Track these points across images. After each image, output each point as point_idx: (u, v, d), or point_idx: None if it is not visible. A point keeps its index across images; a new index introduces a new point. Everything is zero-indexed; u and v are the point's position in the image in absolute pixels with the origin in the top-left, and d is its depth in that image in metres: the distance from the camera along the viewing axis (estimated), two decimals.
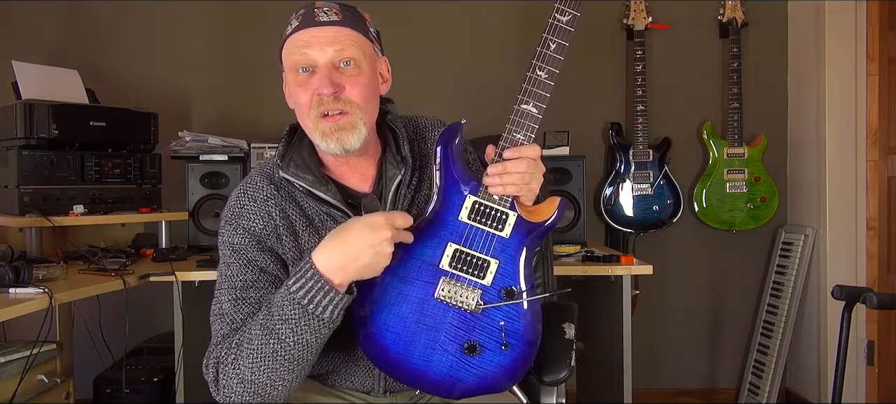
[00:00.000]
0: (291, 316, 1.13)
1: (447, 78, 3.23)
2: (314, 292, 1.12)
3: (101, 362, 2.71)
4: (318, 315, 1.13)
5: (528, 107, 1.25)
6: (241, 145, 2.78)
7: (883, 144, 2.91)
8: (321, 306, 1.13)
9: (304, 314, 1.12)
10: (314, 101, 1.23)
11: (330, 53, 1.22)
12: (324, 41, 1.22)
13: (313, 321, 1.13)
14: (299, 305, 1.12)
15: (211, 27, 3.22)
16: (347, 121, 1.23)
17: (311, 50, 1.22)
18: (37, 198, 2.39)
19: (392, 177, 1.33)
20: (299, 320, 1.13)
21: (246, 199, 1.30)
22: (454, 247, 1.24)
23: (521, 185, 1.24)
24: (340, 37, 1.23)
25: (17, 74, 2.57)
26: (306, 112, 1.24)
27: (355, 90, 1.24)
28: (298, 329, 1.13)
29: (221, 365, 1.18)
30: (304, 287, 1.12)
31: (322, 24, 1.23)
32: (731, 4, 3.14)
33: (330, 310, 1.13)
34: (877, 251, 2.91)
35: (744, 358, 3.29)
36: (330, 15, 1.24)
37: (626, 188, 3.12)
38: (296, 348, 1.14)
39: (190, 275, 2.31)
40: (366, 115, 1.26)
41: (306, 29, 1.23)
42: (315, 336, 1.15)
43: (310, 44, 1.22)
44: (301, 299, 1.12)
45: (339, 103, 1.22)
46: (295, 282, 1.14)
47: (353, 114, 1.23)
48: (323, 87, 1.21)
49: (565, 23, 1.25)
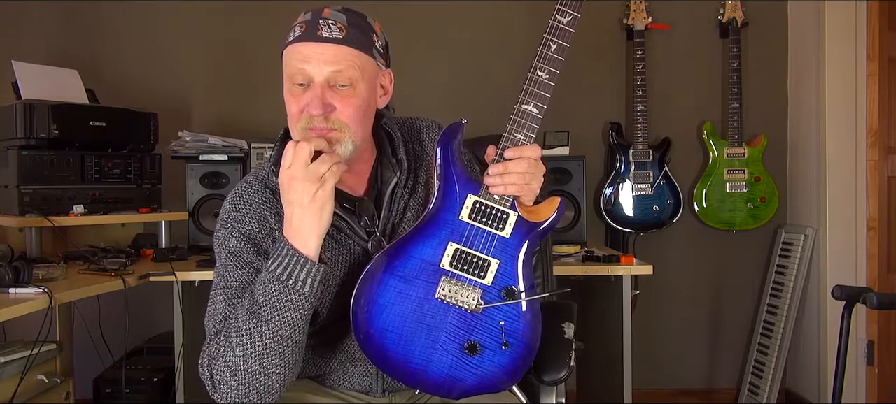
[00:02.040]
0: (274, 294, 1.16)
1: (448, 78, 3.23)
2: (292, 267, 1.16)
3: (101, 362, 2.71)
4: (299, 290, 1.16)
5: (528, 108, 1.25)
6: (241, 145, 2.78)
7: (883, 144, 2.91)
8: (300, 280, 1.16)
9: (285, 290, 1.16)
10: (304, 116, 1.23)
11: (327, 72, 1.21)
12: (322, 59, 1.21)
13: (295, 296, 1.16)
14: (279, 282, 1.16)
15: (211, 27, 3.22)
16: (334, 137, 1.23)
17: (308, 65, 1.21)
18: (37, 198, 2.39)
19: (387, 180, 1.34)
20: (281, 296, 1.16)
21: (242, 203, 1.31)
22: (455, 247, 1.24)
23: (522, 185, 1.24)
24: (340, 56, 1.22)
25: (17, 74, 2.56)
26: (294, 122, 1.25)
27: (347, 111, 1.23)
28: (281, 306, 1.16)
29: (214, 361, 1.19)
30: (282, 263, 1.16)
31: (324, 41, 1.21)
32: (731, 4, 3.14)
33: (309, 283, 1.17)
34: (877, 251, 2.91)
35: (744, 358, 3.30)
36: (333, 31, 1.22)
37: (626, 188, 3.12)
38: (282, 327, 1.17)
39: (190, 275, 2.31)
40: (355, 134, 1.25)
41: (307, 42, 1.22)
42: (299, 312, 1.17)
43: (308, 59, 1.21)
44: (280, 275, 1.16)
45: (327, 122, 1.22)
46: (273, 261, 1.17)
47: (341, 132, 1.23)
48: (313, 107, 1.21)
49: (566, 23, 1.26)
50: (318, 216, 1.16)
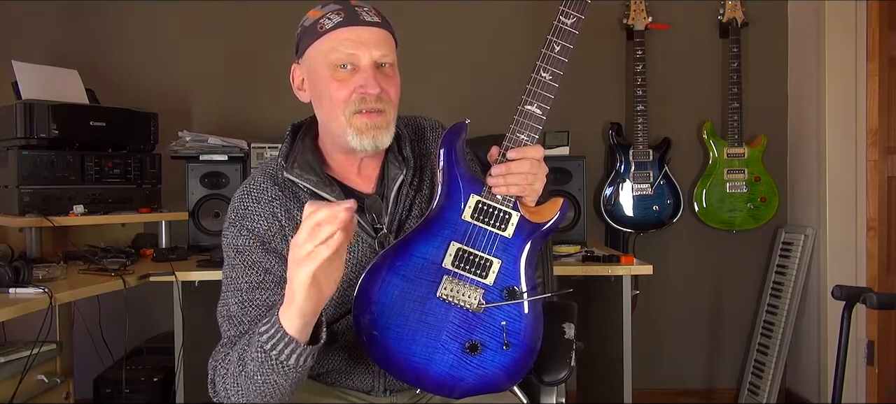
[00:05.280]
0: (257, 357, 1.11)
1: (451, 78, 3.22)
2: (277, 341, 1.09)
3: (101, 362, 2.71)
4: (283, 362, 1.10)
5: (531, 108, 1.25)
6: (241, 145, 2.78)
7: (883, 144, 2.91)
8: (284, 354, 1.10)
9: (267, 359, 1.10)
10: (355, 98, 1.23)
11: (376, 54, 1.24)
12: (370, 42, 1.23)
13: (278, 366, 1.11)
14: (263, 350, 1.10)
15: (211, 27, 3.22)
16: (383, 120, 1.25)
17: (356, 49, 1.23)
18: (37, 198, 2.39)
19: (394, 178, 1.33)
20: (264, 363, 1.11)
21: (250, 201, 1.29)
22: (457, 246, 1.25)
23: (525, 186, 1.24)
24: (383, 39, 1.25)
25: (17, 74, 2.56)
26: (341, 107, 1.24)
27: (393, 91, 1.27)
28: (263, 371, 1.12)
29: (216, 374, 1.21)
30: (269, 333, 1.10)
31: (367, 25, 1.24)
32: (731, 4, 3.14)
33: (293, 359, 1.10)
34: (877, 251, 2.91)
35: (744, 358, 3.30)
36: (372, 16, 1.26)
37: (626, 188, 3.12)
38: (264, 386, 1.13)
39: (190, 275, 2.30)
40: (396, 116, 1.29)
41: (351, 27, 1.23)
42: (285, 379, 1.12)
43: (356, 43, 1.23)
44: (265, 344, 1.10)
45: (380, 102, 1.24)
46: (264, 326, 1.11)
47: (389, 114, 1.26)
48: (371, 87, 1.22)
49: (570, 25, 1.26)
50: (304, 295, 1.04)
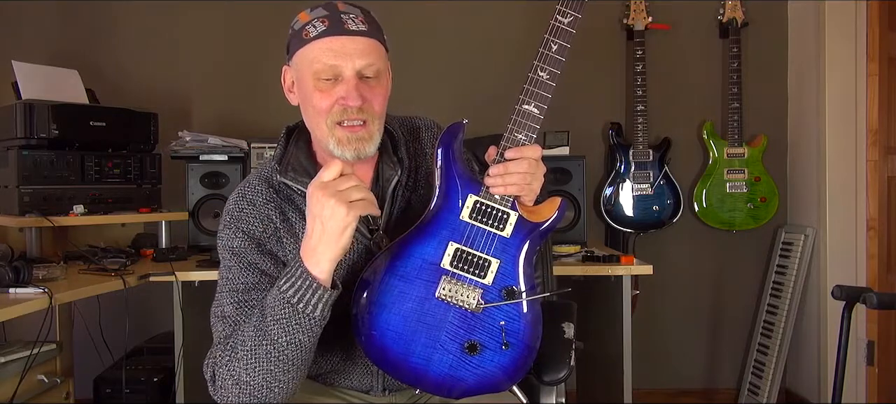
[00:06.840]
0: (283, 316, 1.14)
1: (448, 77, 3.22)
2: (303, 290, 1.14)
3: (102, 362, 2.71)
4: (309, 314, 1.14)
5: (529, 108, 1.25)
6: (241, 145, 2.78)
7: (883, 144, 2.91)
8: (311, 304, 1.14)
9: (294, 313, 1.14)
10: (336, 109, 1.22)
11: (359, 64, 1.21)
12: (354, 53, 1.21)
13: (304, 320, 1.14)
14: (290, 304, 1.14)
15: (211, 27, 3.22)
16: (365, 132, 1.24)
17: (339, 60, 1.21)
18: (37, 198, 2.39)
19: (389, 179, 1.34)
20: (290, 319, 1.14)
21: (245, 203, 1.30)
22: (455, 247, 1.24)
23: (523, 185, 1.24)
24: (368, 49, 1.23)
25: (17, 74, 2.56)
26: (323, 117, 1.23)
27: (377, 101, 1.25)
28: (289, 328, 1.14)
29: (218, 367, 1.19)
30: (294, 286, 1.14)
31: (351, 34, 1.21)
32: (731, 4, 3.14)
33: (320, 308, 1.15)
34: (877, 251, 2.91)
35: (744, 358, 3.30)
36: (357, 23, 1.22)
37: (626, 188, 3.12)
38: (289, 349, 1.15)
39: (190, 275, 2.31)
40: (381, 124, 1.27)
41: (335, 36, 1.21)
42: (307, 335, 1.16)
43: (338, 54, 1.21)
44: (291, 298, 1.14)
45: (362, 114, 1.23)
46: (285, 281, 1.15)
47: (372, 125, 1.24)
48: (351, 99, 1.21)
49: (567, 24, 1.26)
50: (336, 239, 1.13)
